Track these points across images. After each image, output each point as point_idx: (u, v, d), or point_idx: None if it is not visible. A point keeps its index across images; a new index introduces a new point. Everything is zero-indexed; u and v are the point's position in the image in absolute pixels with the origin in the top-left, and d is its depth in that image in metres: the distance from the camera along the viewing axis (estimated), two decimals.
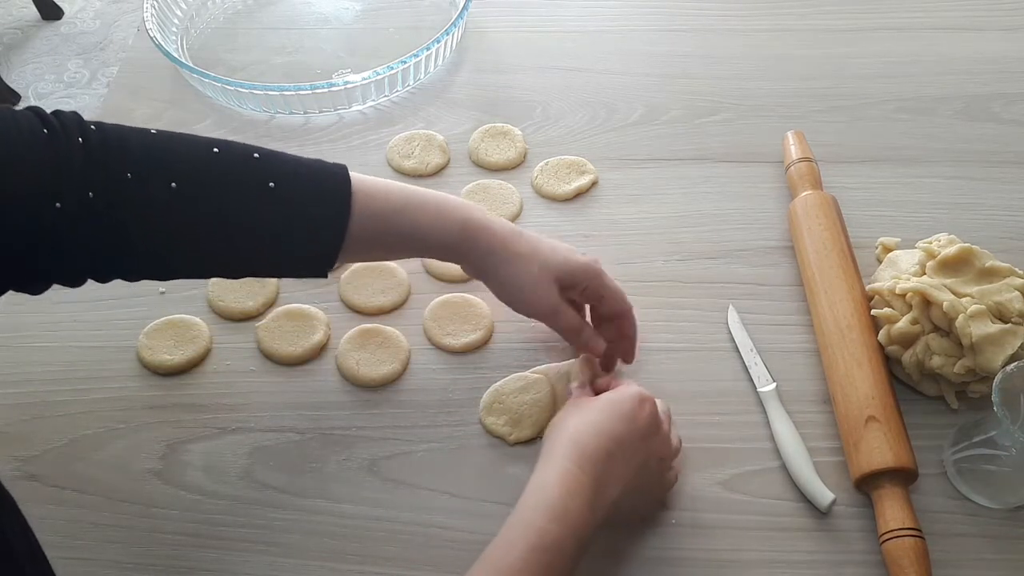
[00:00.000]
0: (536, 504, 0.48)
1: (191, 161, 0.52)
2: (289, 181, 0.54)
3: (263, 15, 0.98)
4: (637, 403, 0.54)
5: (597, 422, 0.52)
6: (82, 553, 0.57)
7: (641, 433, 0.53)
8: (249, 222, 0.53)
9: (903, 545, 0.53)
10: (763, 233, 0.74)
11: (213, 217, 0.52)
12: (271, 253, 0.55)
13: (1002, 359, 0.56)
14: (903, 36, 0.92)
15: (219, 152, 0.53)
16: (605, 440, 0.51)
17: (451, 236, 0.57)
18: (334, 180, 0.55)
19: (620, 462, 0.51)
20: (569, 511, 0.48)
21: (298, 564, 0.57)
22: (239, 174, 0.53)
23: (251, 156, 0.54)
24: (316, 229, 0.54)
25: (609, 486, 0.51)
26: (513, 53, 0.92)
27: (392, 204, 0.56)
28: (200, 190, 0.52)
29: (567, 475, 0.49)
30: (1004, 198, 0.76)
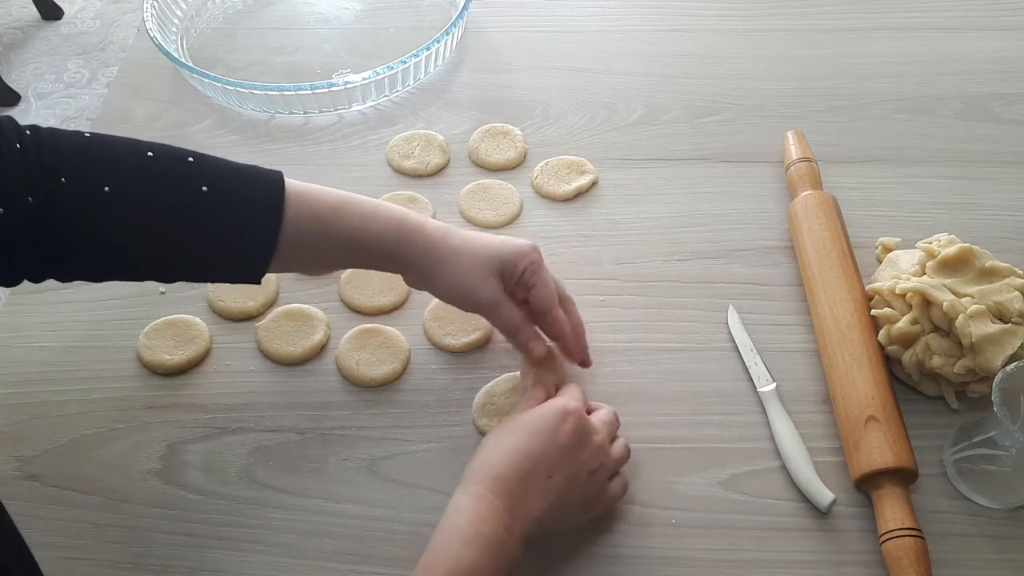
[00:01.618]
0: (451, 529, 0.49)
1: (124, 165, 0.52)
2: (222, 185, 0.54)
3: (263, 15, 0.98)
4: (558, 418, 0.53)
5: (511, 442, 0.52)
6: (82, 553, 0.57)
7: (562, 448, 0.52)
8: (181, 226, 0.53)
9: (903, 545, 0.53)
10: (763, 233, 0.74)
11: (145, 221, 0.52)
12: (203, 257, 0.55)
13: (1002, 359, 0.56)
14: (903, 36, 0.92)
15: (153, 156, 0.53)
16: (519, 459, 0.51)
17: (387, 238, 0.57)
18: (267, 185, 0.55)
19: (538, 480, 0.51)
20: (482, 534, 0.48)
21: (298, 564, 0.57)
22: (172, 178, 0.53)
23: (185, 160, 0.54)
24: (248, 234, 0.54)
25: (527, 505, 0.51)
26: (513, 53, 0.92)
27: (326, 208, 0.56)
28: (132, 195, 0.52)
29: (479, 499, 0.50)
30: (1004, 198, 0.76)
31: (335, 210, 0.56)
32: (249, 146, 0.83)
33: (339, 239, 0.57)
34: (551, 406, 0.54)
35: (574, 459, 0.53)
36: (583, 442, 0.54)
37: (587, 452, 0.54)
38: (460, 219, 0.76)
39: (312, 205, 0.55)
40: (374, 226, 0.57)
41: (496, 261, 0.58)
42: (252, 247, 0.55)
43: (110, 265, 0.55)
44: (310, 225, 0.55)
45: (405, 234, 0.57)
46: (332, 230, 0.56)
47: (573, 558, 0.56)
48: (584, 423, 0.54)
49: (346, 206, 0.57)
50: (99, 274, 0.56)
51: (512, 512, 0.50)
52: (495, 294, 0.59)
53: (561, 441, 0.53)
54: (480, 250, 0.58)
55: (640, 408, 0.63)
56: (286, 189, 0.55)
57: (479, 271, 0.58)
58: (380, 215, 0.57)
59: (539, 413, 0.54)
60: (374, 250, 0.58)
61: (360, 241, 0.57)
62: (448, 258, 0.58)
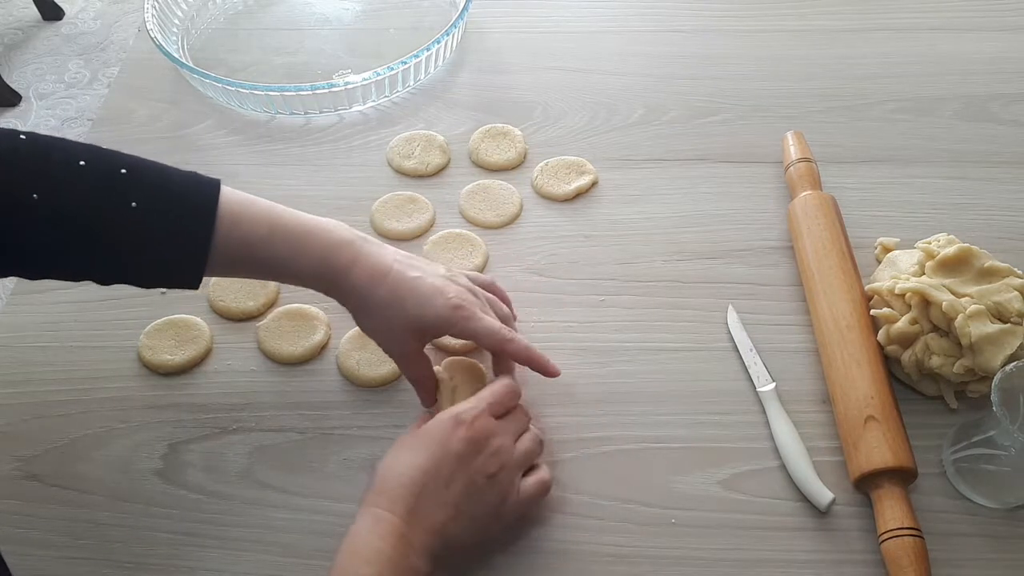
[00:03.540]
0: (349, 551, 0.49)
1: (54, 172, 0.51)
2: (152, 202, 0.53)
3: (264, 16, 0.98)
4: (448, 428, 0.53)
5: (405, 459, 0.52)
6: (82, 553, 0.57)
7: (456, 457, 0.52)
8: (110, 240, 0.53)
9: (902, 544, 0.53)
10: (763, 233, 0.74)
11: (73, 231, 0.52)
12: (133, 270, 0.55)
13: (1001, 359, 0.56)
14: (903, 36, 0.92)
15: (85, 166, 0.52)
16: (414, 474, 0.51)
17: (312, 275, 0.57)
18: (201, 201, 0.54)
19: (435, 492, 0.51)
20: (381, 552, 0.48)
21: (298, 564, 0.57)
22: (102, 191, 0.52)
23: (118, 172, 0.53)
24: (176, 254, 0.54)
25: (427, 518, 0.50)
26: (513, 53, 0.92)
27: (258, 232, 0.55)
28: (60, 205, 0.51)
29: (377, 520, 0.50)
30: (1003, 198, 0.76)
31: (264, 237, 0.55)
32: (249, 146, 0.84)
33: (266, 264, 0.57)
34: (441, 417, 0.54)
35: (469, 466, 0.53)
36: (478, 448, 0.53)
37: (483, 456, 0.53)
38: (460, 219, 0.76)
39: (243, 228, 0.55)
40: (301, 260, 0.56)
41: (417, 325, 0.57)
42: (181, 269, 0.55)
43: (43, 266, 0.55)
44: (239, 249, 0.55)
45: (329, 276, 0.57)
46: (259, 255, 0.56)
47: (573, 557, 0.56)
48: (478, 428, 0.54)
49: (278, 234, 0.56)
50: (31, 274, 0.56)
51: (411, 527, 0.50)
52: (404, 351, 0.59)
53: (454, 449, 0.52)
54: (402, 311, 0.57)
55: (640, 408, 0.63)
56: (219, 210, 0.54)
57: (396, 330, 0.58)
58: (310, 250, 0.56)
59: (430, 426, 0.54)
60: (297, 279, 0.58)
61: (287, 272, 0.57)
62: (368, 309, 0.57)
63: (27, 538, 0.58)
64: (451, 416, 0.54)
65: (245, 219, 0.55)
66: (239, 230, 0.55)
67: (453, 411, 0.54)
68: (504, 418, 0.57)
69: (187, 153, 0.83)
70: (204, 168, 0.81)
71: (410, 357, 0.59)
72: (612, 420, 0.63)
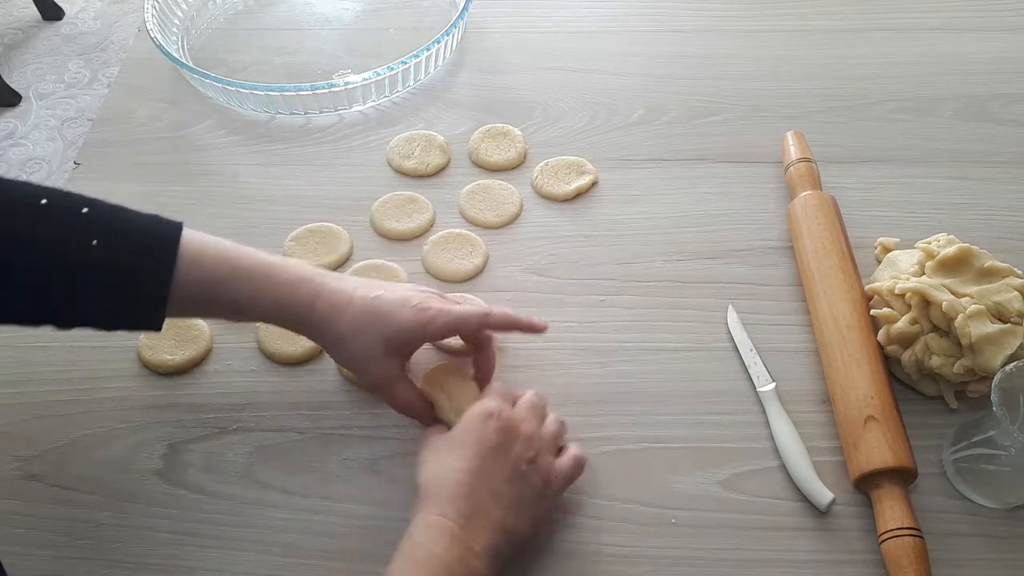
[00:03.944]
0: (403, 558, 0.49)
1: (13, 212, 0.50)
2: (113, 241, 0.52)
3: (264, 16, 0.98)
4: (479, 423, 0.54)
5: (444, 463, 0.53)
6: (82, 553, 0.57)
7: (494, 450, 0.53)
8: (70, 278, 0.51)
9: (902, 544, 0.53)
10: (763, 233, 0.74)
11: (33, 272, 0.51)
12: (93, 312, 0.54)
13: (1001, 359, 0.56)
14: (903, 36, 0.92)
15: (46, 204, 0.51)
16: (459, 476, 0.51)
17: (272, 310, 0.56)
18: (162, 241, 0.53)
19: (485, 487, 0.51)
20: (436, 556, 0.48)
21: (298, 564, 0.57)
22: (62, 229, 0.51)
23: (79, 211, 0.52)
24: (137, 292, 0.53)
25: (484, 516, 0.51)
26: (513, 53, 0.92)
27: (218, 273, 0.55)
28: (19, 244, 0.50)
29: (430, 525, 0.50)
30: (1003, 198, 0.76)
31: (227, 278, 0.55)
32: (249, 146, 0.84)
33: (231, 307, 0.56)
34: (470, 415, 0.55)
35: (509, 456, 0.53)
36: (511, 436, 0.54)
37: (519, 445, 0.54)
38: (460, 219, 0.76)
39: (205, 269, 0.54)
40: (263, 300, 0.56)
41: (388, 343, 0.57)
42: (141, 310, 0.53)
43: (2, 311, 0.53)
44: (199, 290, 0.54)
45: (292, 312, 0.56)
46: (223, 298, 0.55)
47: (573, 557, 0.57)
48: (507, 418, 0.54)
49: (240, 274, 0.55)
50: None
51: (470, 529, 0.50)
52: (387, 374, 0.58)
53: (491, 443, 0.53)
54: (371, 334, 0.56)
55: (640, 408, 0.63)
56: (180, 251, 0.53)
57: (371, 355, 0.57)
58: (271, 289, 0.56)
59: (462, 426, 0.54)
60: (268, 319, 0.58)
61: (251, 312, 0.57)
62: (338, 341, 0.57)
63: (27, 538, 0.58)
64: (478, 413, 0.54)
65: (207, 259, 0.54)
66: (199, 270, 0.54)
67: (477, 409, 0.55)
68: (522, 404, 0.57)
69: (187, 153, 0.83)
70: (204, 168, 0.82)
71: (393, 383, 0.58)
72: (612, 420, 0.63)
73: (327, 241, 0.74)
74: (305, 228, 0.75)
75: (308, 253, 0.73)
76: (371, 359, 0.57)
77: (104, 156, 0.83)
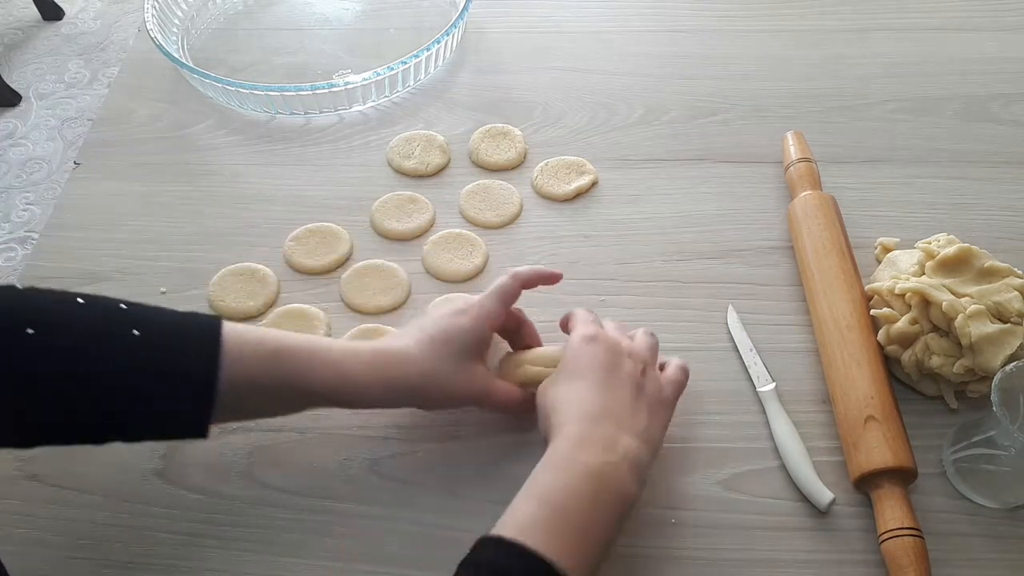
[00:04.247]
0: (542, 465, 0.49)
1: (51, 308, 0.49)
2: (155, 331, 0.50)
3: (264, 16, 0.98)
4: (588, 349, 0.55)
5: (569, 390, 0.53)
6: (82, 553, 0.57)
7: (607, 368, 0.54)
8: (111, 374, 0.48)
9: (902, 544, 0.53)
10: (763, 233, 0.74)
11: (74, 366, 0.48)
12: (137, 409, 0.50)
13: (1001, 359, 0.56)
14: (903, 36, 0.92)
15: (83, 303, 0.49)
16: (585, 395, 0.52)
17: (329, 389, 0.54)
18: (203, 330, 0.51)
19: (613, 402, 0.52)
20: (577, 460, 0.49)
21: (298, 564, 0.57)
22: (102, 322, 0.49)
23: (117, 307, 0.51)
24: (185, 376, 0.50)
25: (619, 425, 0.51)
26: (513, 53, 0.92)
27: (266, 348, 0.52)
28: (59, 337, 0.47)
29: (569, 438, 0.50)
30: (1003, 198, 0.76)
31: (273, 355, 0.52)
32: (249, 146, 0.84)
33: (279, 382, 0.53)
34: (573, 344, 0.56)
35: (622, 371, 0.54)
36: (618, 353, 0.55)
37: (626, 360, 0.55)
38: (460, 219, 0.76)
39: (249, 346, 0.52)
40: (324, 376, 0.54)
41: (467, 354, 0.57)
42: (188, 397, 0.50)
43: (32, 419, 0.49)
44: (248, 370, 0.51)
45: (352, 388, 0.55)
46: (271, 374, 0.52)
47: None
48: (605, 338, 0.56)
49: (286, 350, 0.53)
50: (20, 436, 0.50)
51: (608, 439, 0.50)
52: (482, 382, 0.58)
53: (604, 363, 0.54)
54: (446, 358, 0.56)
55: None
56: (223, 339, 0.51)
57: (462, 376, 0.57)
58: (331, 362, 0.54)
59: (572, 355, 0.55)
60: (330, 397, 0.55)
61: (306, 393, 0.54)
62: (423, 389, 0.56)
63: (27, 538, 0.58)
64: (579, 339, 0.55)
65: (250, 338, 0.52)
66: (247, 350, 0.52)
67: (578, 334, 0.56)
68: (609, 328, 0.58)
69: (187, 153, 0.83)
70: (204, 168, 0.82)
71: (491, 386, 0.58)
72: None
73: (327, 241, 0.74)
74: (305, 228, 0.75)
75: (308, 253, 0.73)
76: (462, 382, 0.57)
77: (104, 156, 0.83)
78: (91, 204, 0.79)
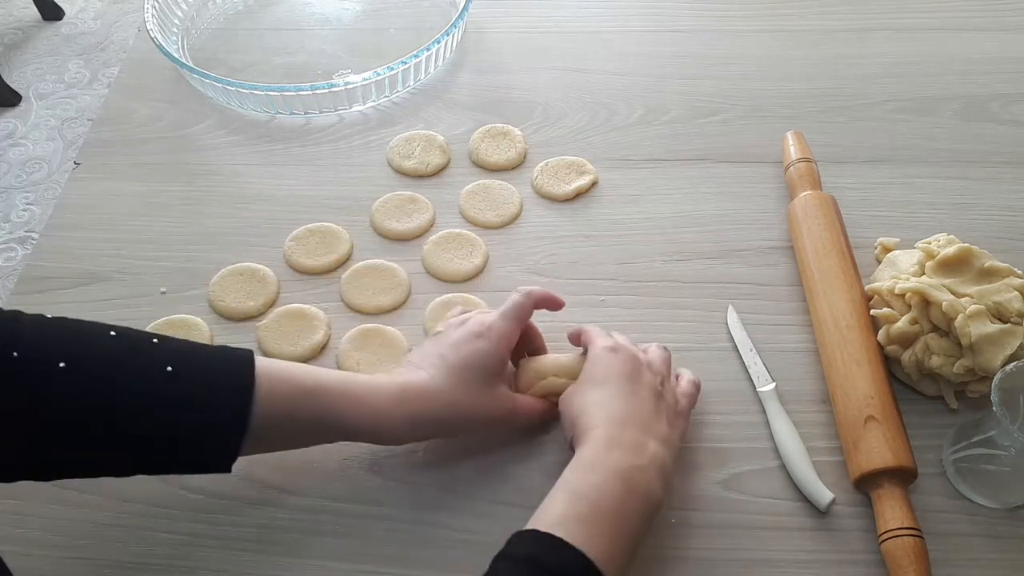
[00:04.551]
0: (577, 466, 0.50)
1: (84, 341, 0.49)
2: (188, 365, 0.50)
3: (264, 16, 0.98)
4: (610, 358, 0.56)
5: (592, 396, 0.55)
6: (82, 553, 0.58)
7: (628, 377, 0.55)
8: (144, 411, 0.48)
9: (902, 544, 0.53)
10: (763, 233, 0.74)
11: (105, 400, 0.48)
12: (168, 441, 0.50)
13: (1001, 359, 0.56)
14: (903, 36, 0.92)
15: (116, 336, 0.50)
16: (609, 401, 0.53)
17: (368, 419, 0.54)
18: (236, 364, 0.51)
19: (635, 409, 0.53)
20: (606, 464, 0.50)
21: (298, 564, 0.57)
22: (135, 355, 0.49)
23: (150, 340, 0.51)
24: (217, 411, 0.50)
25: (643, 430, 0.52)
26: (513, 53, 0.92)
27: (300, 386, 0.53)
28: (92, 371, 0.48)
29: (595, 440, 0.51)
30: (1003, 198, 0.76)
31: (309, 391, 0.53)
32: (249, 146, 0.84)
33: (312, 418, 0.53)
34: (595, 354, 0.57)
35: (643, 380, 0.55)
36: (638, 363, 0.56)
37: (646, 371, 0.56)
38: (460, 219, 0.76)
39: (282, 390, 0.52)
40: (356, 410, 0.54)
41: (490, 375, 0.57)
42: (219, 429, 0.50)
43: (63, 453, 0.48)
44: (277, 410, 0.52)
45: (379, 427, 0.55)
46: (304, 410, 0.53)
47: None
48: (625, 348, 0.57)
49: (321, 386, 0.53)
50: (48, 467, 0.50)
51: (633, 445, 0.51)
52: (507, 399, 0.58)
53: (625, 372, 0.55)
54: (471, 383, 0.56)
55: None
56: (256, 372, 0.51)
57: (488, 400, 0.57)
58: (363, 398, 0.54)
59: (593, 365, 0.56)
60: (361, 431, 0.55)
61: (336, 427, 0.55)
62: (454, 416, 0.56)
63: (27, 538, 0.58)
64: (602, 348, 0.57)
65: (281, 384, 0.52)
66: (278, 391, 0.52)
67: (600, 345, 0.57)
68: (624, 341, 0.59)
69: (187, 153, 0.83)
70: (204, 168, 0.82)
71: (515, 403, 0.59)
72: None
73: (327, 241, 0.74)
74: (305, 228, 0.75)
75: (308, 253, 0.73)
76: (488, 406, 0.57)
77: (104, 156, 0.83)
78: (91, 204, 0.79)
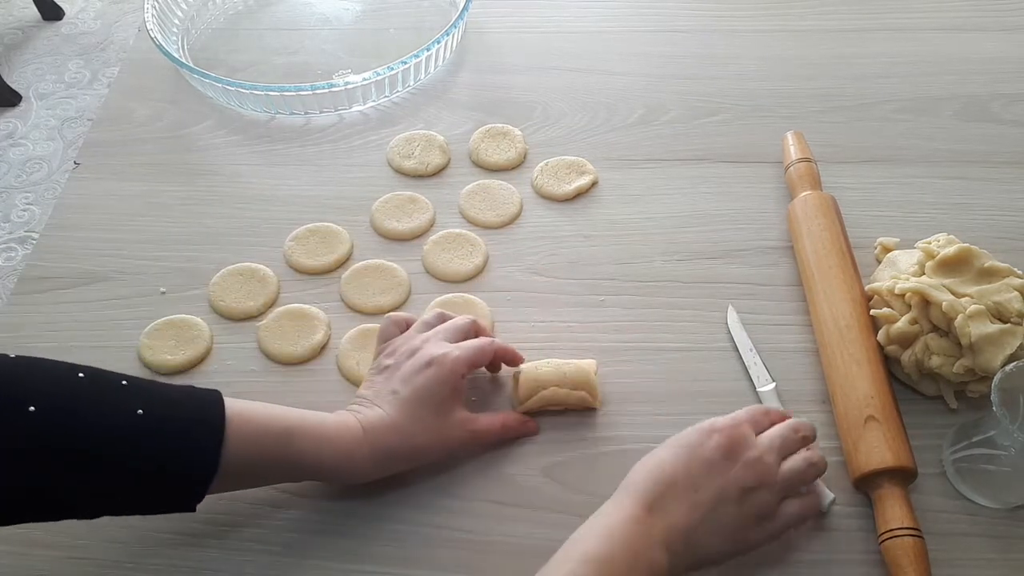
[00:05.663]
0: (585, 528, 0.50)
1: (52, 384, 0.48)
2: (158, 408, 0.50)
3: (264, 16, 0.98)
4: (704, 434, 0.53)
5: (654, 458, 0.53)
6: (82, 553, 0.58)
7: (707, 463, 0.52)
8: (113, 450, 0.48)
9: (902, 544, 0.53)
10: (763, 233, 0.74)
11: (74, 443, 0.47)
12: (137, 483, 0.50)
13: (1001, 359, 0.56)
14: (903, 36, 0.92)
15: (84, 377, 0.50)
16: (661, 468, 0.52)
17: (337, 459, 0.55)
18: (206, 406, 0.52)
19: (681, 491, 0.51)
20: (615, 534, 0.49)
21: (298, 564, 0.57)
22: (104, 398, 0.49)
23: (119, 383, 0.51)
24: (188, 454, 0.50)
25: (672, 514, 0.50)
26: (513, 53, 0.92)
27: (270, 429, 0.53)
28: (61, 414, 0.47)
29: (617, 506, 0.51)
30: (1003, 198, 0.76)
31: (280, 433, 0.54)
32: (249, 146, 0.84)
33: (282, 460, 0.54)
34: (699, 425, 0.54)
35: (723, 475, 0.51)
36: (732, 457, 0.52)
37: (739, 467, 0.52)
38: (460, 219, 0.76)
39: (253, 427, 0.53)
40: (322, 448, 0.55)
41: (444, 406, 0.58)
42: (190, 471, 0.50)
43: (27, 496, 0.48)
44: (252, 447, 0.52)
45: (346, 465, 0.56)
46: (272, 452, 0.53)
47: None
48: (734, 437, 0.53)
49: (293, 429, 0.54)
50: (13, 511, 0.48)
51: (653, 518, 0.50)
52: (466, 429, 0.59)
53: (706, 456, 0.52)
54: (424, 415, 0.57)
55: (640, 408, 0.63)
56: (227, 410, 0.52)
57: (444, 432, 0.58)
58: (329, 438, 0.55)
59: (686, 431, 0.54)
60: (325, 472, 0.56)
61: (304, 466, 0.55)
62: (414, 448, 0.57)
63: (27, 538, 0.58)
64: (709, 423, 0.54)
65: (249, 421, 0.53)
66: (247, 431, 0.52)
67: (708, 421, 0.54)
68: (770, 435, 0.55)
69: (187, 153, 0.83)
70: (204, 168, 0.82)
71: (473, 431, 0.60)
72: (612, 420, 0.63)
73: (327, 241, 0.74)
74: (305, 228, 0.75)
75: (308, 253, 0.73)
76: (443, 433, 0.58)
77: (104, 156, 0.83)
78: (91, 204, 0.79)
